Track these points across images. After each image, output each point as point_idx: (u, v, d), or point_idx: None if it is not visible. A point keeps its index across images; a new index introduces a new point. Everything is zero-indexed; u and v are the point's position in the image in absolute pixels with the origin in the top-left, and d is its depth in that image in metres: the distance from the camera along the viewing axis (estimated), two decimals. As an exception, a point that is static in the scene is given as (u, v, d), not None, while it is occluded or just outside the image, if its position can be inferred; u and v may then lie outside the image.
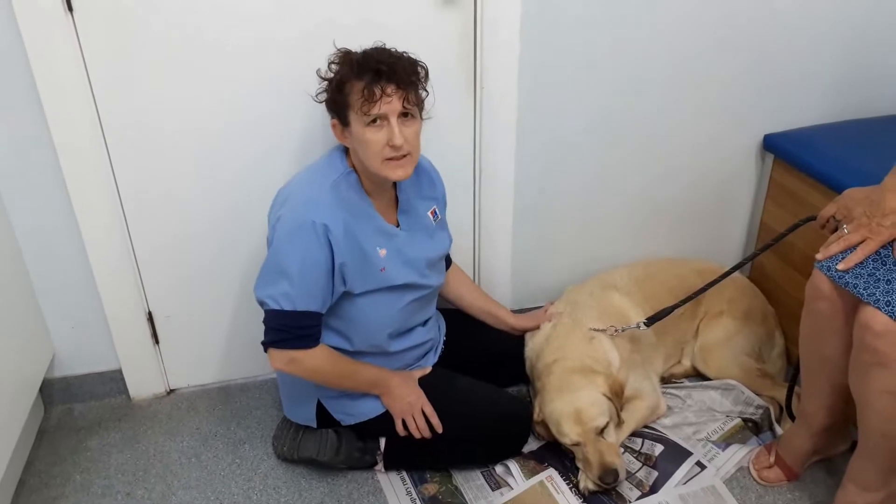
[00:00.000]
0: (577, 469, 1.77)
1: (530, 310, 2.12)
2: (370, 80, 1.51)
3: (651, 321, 1.91)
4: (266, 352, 1.63)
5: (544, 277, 2.23)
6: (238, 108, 1.80)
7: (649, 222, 2.25)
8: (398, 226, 1.72)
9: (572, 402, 1.74)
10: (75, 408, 2.08)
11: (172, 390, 2.14)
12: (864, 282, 1.41)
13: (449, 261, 1.96)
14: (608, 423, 1.73)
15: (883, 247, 1.43)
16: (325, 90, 1.60)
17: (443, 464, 1.84)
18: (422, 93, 1.59)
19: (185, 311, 2.03)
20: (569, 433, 1.73)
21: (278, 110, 1.82)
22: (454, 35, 1.84)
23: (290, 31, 1.75)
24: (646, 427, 1.90)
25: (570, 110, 2.01)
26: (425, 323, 1.86)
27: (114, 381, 2.08)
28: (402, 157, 1.55)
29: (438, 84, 1.69)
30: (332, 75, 1.58)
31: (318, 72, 1.61)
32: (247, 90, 1.79)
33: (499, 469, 1.82)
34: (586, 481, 1.73)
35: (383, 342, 1.75)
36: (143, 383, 2.10)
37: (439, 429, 1.75)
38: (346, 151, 1.66)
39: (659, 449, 1.83)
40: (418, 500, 1.77)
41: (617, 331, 1.90)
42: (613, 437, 1.76)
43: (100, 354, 2.04)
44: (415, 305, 1.76)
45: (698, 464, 1.79)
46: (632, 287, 2.05)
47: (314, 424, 1.82)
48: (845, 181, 1.70)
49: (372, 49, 1.58)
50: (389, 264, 1.66)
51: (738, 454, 1.83)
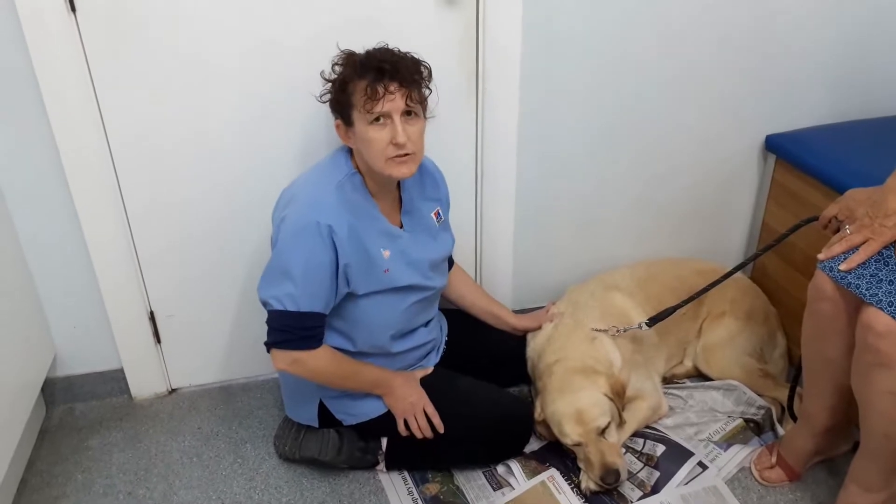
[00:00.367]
0: (579, 469, 1.77)
1: (532, 310, 2.12)
2: (373, 78, 1.51)
3: (653, 321, 1.91)
4: (269, 352, 1.63)
5: (546, 277, 2.23)
6: (241, 108, 1.80)
7: (651, 223, 2.25)
8: (402, 227, 1.72)
9: (574, 403, 1.74)
10: (77, 407, 2.08)
11: (174, 390, 2.14)
12: (867, 282, 1.41)
13: (451, 261, 1.96)
14: (610, 424, 1.73)
15: (885, 247, 1.43)
16: (329, 91, 1.60)
17: (444, 464, 1.84)
18: (425, 92, 1.60)
19: (186, 310, 2.03)
20: (570, 433, 1.73)
21: (281, 111, 1.82)
22: (455, 36, 1.84)
23: (293, 32, 1.75)
24: (647, 427, 1.90)
25: (572, 111, 2.01)
26: (427, 324, 1.86)
27: (115, 380, 2.08)
28: (405, 155, 1.56)
29: (440, 85, 1.69)
30: (335, 76, 1.58)
31: (321, 73, 1.61)
32: (250, 91, 1.79)
33: (500, 469, 1.82)
34: (588, 481, 1.73)
35: (386, 343, 1.75)
36: (144, 383, 2.10)
37: (441, 429, 1.75)
38: (349, 152, 1.66)
39: (660, 449, 1.83)
40: (420, 500, 1.77)
41: (619, 331, 1.90)
42: (615, 437, 1.76)
43: (101, 354, 2.04)
44: (418, 307, 1.76)
45: (700, 464, 1.79)
46: (633, 287, 2.05)
47: (316, 424, 1.82)
48: (847, 182, 1.70)
49: (375, 49, 1.58)
50: (393, 266, 1.66)
51: (739, 454, 1.84)
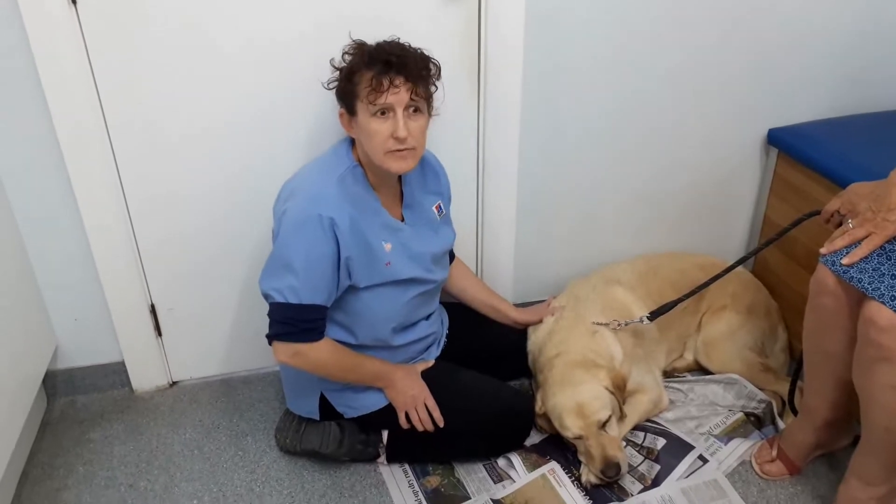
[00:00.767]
0: (580, 462, 1.77)
1: (533, 304, 2.11)
2: (379, 70, 1.51)
3: (654, 315, 1.91)
4: (270, 345, 1.63)
5: (547, 271, 2.23)
6: (242, 101, 1.79)
7: (652, 217, 2.25)
8: (403, 220, 1.72)
9: (574, 396, 1.74)
10: (78, 400, 2.08)
11: (175, 382, 2.14)
12: (869, 276, 1.40)
13: (452, 255, 1.96)
14: (610, 417, 1.74)
15: (888, 241, 1.43)
16: (336, 79, 1.60)
17: (445, 457, 1.84)
18: (431, 88, 1.59)
19: (187, 303, 2.03)
20: (571, 427, 1.73)
21: (284, 106, 1.81)
22: (458, 29, 1.84)
23: (295, 25, 1.74)
24: (648, 421, 1.90)
25: (574, 105, 2.00)
26: (429, 317, 1.86)
27: (116, 373, 2.08)
28: (405, 150, 1.55)
29: (443, 78, 1.68)
30: (344, 65, 1.58)
31: (331, 61, 1.61)
32: (251, 84, 1.78)
33: (501, 462, 1.83)
34: (588, 475, 1.74)
35: (387, 336, 1.75)
36: (145, 375, 2.10)
37: (441, 422, 1.75)
38: (351, 145, 1.66)
39: (661, 443, 1.83)
40: (420, 493, 1.77)
41: (620, 325, 1.90)
42: (616, 430, 1.76)
43: (103, 347, 2.04)
44: (419, 300, 1.76)
45: (700, 458, 1.79)
46: (635, 281, 2.05)
47: (317, 417, 1.82)
48: (849, 176, 1.70)
49: (385, 42, 1.58)
50: (394, 259, 1.66)
51: (740, 448, 1.84)
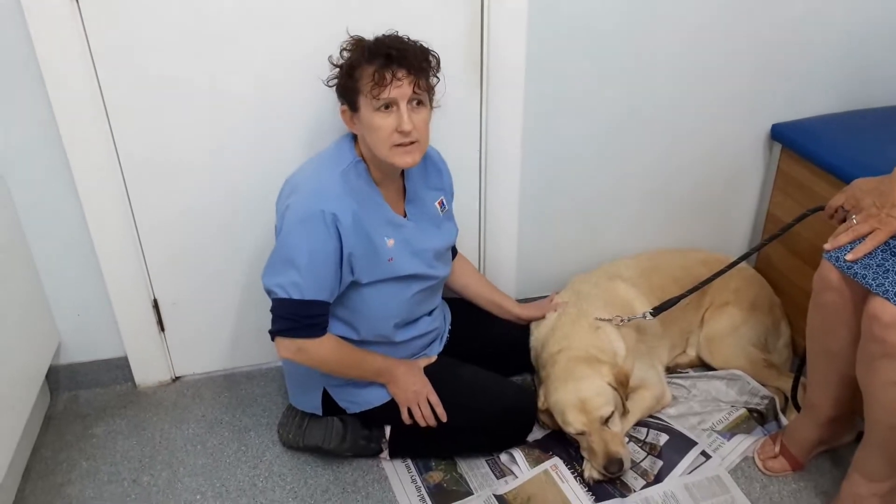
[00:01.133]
0: (582, 458, 1.77)
1: (536, 299, 2.11)
2: (381, 64, 1.51)
3: (657, 311, 1.90)
4: (273, 340, 1.63)
5: (550, 267, 2.23)
6: (245, 96, 1.79)
7: (656, 212, 2.24)
8: (405, 216, 1.72)
9: (577, 392, 1.74)
10: (81, 395, 2.08)
11: (178, 378, 2.15)
12: (873, 272, 1.40)
13: (454, 251, 1.95)
14: (613, 413, 1.73)
15: (892, 237, 1.42)
16: (336, 76, 1.59)
17: (448, 452, 1.84)
18: (432, 80, 1.59)
19: (190, 298, 2.03)
20: (573, 422, 1.73)
21: (285, 99, 1.81)
22: (460, 27, 1.83)
23: (298, 16, 1.73)
24: (651, 417, 1.90)
25: (578, 99, 1.99)
26: (431, 313, 1.86)
27: (119, 368, 2.09)
28: (410, 143, 1.55)
29: (445, 75, 1.68)
30: (342, 61, 1.57)
31: (329, 58, 1.60)
32: (253, 79, 1.78)
33: (503, 458, 1.83)
34: (591, 470, 1.74)
35: (389, 332, 1.75)
36: (148, 371, 2.10)
37: (444, 418, 1.75)
38: (354, 140, 1.66)
39: (664, 438, 1.83)
40: (423, 488, 1.77)
41: (623, 321, 1.90)
42: (618, 426, 1.76)
43: (105, 342, 2.04)
44: (421, 296, 1.76)
45: (703, 453, 1.79)
46: (638, 277, 2.05)
47: (320, 412, 1.82)
48: (853, 171, 1.69)
49: (384, 35, 1.58)
50: (397, 254, 1.66)
51: (743, 444, 1.84)
